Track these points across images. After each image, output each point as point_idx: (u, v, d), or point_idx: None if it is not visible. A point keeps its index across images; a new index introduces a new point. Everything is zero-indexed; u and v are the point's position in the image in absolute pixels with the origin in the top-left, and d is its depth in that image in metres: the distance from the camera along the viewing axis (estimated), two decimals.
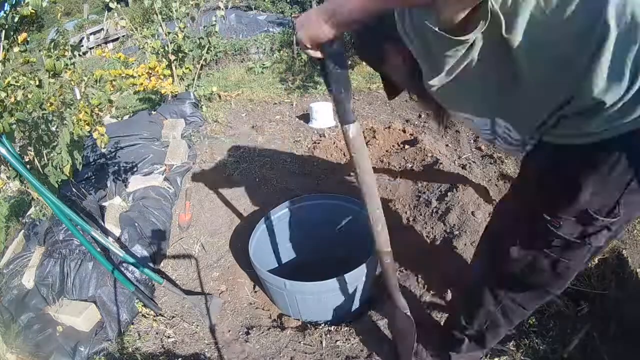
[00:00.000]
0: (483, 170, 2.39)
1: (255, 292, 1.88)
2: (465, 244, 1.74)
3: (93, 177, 2.29)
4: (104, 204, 2.12)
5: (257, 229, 1.83)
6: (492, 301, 1.07)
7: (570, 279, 0.97)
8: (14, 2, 1.43)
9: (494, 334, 1.17)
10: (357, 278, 1.58)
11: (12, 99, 1.46)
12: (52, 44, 1.69)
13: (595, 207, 0.77)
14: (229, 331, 1.63)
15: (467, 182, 2.11)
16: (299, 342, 1.54)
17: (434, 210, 1.97)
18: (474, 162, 2.49)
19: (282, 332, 1.59)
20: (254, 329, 1.63)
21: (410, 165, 2.36)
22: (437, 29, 0.64)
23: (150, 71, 3.01)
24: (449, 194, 1.99)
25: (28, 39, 1.56)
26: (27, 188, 1.70)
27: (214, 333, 1.62)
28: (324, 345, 1.52)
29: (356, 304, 1.69)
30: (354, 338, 1.54)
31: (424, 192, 2.11)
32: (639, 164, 0.70)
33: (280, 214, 1.96)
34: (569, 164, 0.78)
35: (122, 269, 1.69)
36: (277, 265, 2.05)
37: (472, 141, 2.81)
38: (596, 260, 1.54)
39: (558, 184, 0.81)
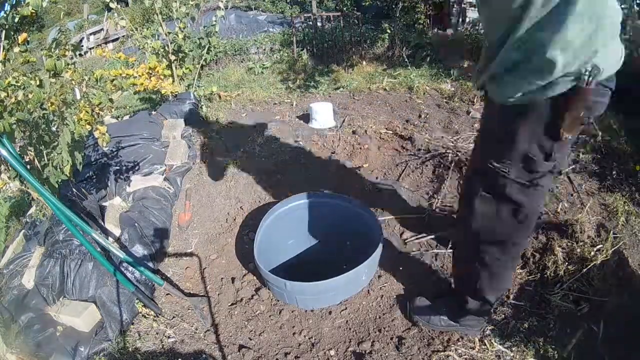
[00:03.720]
0: None
1: (257, 290, 1.88)
2: None
3: (93, 177, 2.29)
4: (104, 204, 2.12)
5: (259, 229, 1.83)
6: (476, 260, 1.24)
7: (531, 228, 1.14)
8: (14, 2, 1.43)
9: (490, 288, 1.29)
10: (355, 277, 1.58)
11: (13, 99, 1.46)
12: (54, 43, 1.68)
13: (534, 153, 0.97)
14: (229, 331, 1.63)
15: None
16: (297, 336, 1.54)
17: None
18: None
19: (281, 330, 1.60)
20: (254, 328, 1.63)
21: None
22: None
23: (150, 71, 3.02)
24: None
25: (28, 39, 1.56)
26: (27, 188, 1.70)
27: (214, 333, 1.62)
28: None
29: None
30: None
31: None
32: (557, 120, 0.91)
33: (281, 213, 1.96)
34: (506, 118, 0.99)
35: (122, 269, 1.69)
36: (280, 263, 2.05)
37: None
38: (598, 261, 1.54)
39: (501, 134, 1.02)
